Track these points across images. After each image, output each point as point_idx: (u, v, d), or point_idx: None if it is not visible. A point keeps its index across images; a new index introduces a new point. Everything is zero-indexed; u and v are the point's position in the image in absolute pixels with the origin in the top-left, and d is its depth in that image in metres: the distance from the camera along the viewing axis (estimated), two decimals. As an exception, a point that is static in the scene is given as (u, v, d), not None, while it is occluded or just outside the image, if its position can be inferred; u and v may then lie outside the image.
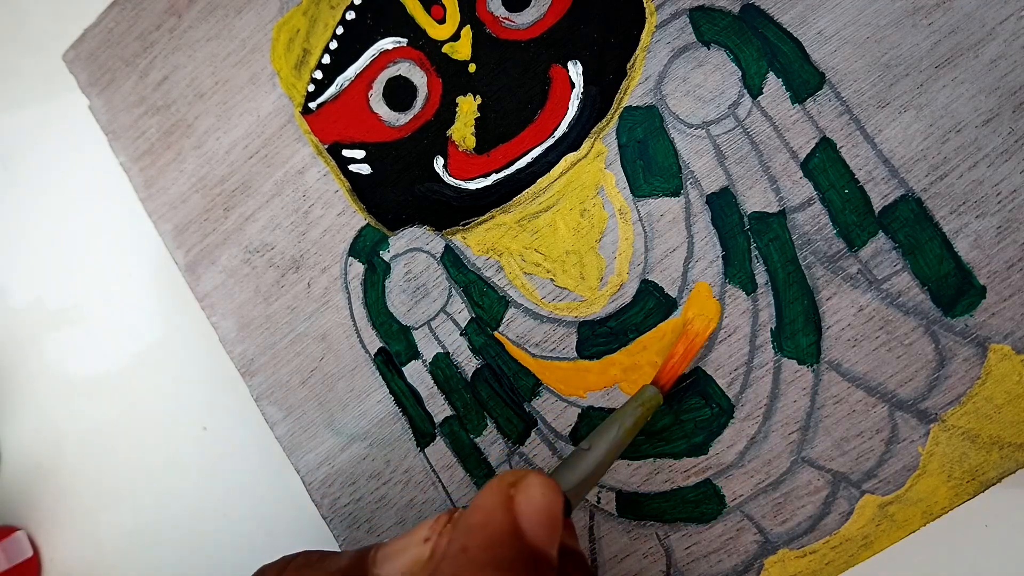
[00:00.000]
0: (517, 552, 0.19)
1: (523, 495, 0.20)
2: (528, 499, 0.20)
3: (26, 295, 0.45)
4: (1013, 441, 0.26)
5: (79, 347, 0.44)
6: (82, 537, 0.42)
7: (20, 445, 0.44)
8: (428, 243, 0.33)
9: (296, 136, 0.34)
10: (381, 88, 0.33)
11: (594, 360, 0.30)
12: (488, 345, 0.31)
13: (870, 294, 0.27)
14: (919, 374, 0.27)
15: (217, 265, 0.35)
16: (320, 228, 0.34)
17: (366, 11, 0.33)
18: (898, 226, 0.27)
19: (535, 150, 0.31)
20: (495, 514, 0.20)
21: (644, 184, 0.30)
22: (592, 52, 0.31)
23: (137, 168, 0.37)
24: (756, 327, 0.28)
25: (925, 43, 0.27)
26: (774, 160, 0.28)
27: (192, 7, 0.36)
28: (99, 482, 0.43)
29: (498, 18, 0.32)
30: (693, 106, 0.29)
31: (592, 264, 0.30)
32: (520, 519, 0.20)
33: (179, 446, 0.41)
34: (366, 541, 0.33)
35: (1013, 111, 0.26)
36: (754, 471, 0.28)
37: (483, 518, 0.20)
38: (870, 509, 0.27)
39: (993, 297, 0.26)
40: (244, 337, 0.35)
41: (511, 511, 0.20)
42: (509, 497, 0.20)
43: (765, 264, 0.28)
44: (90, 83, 0.38)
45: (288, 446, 0.34)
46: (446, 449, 0.32)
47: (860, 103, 0.28)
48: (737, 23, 0.29)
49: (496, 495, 0.20)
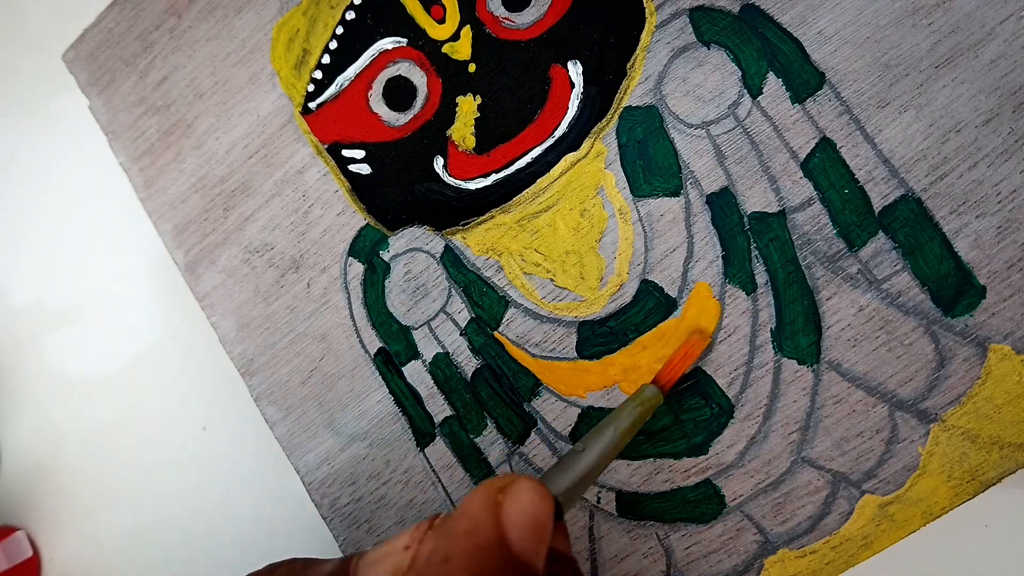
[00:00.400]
0: (502, 563, 0.18)
1: (511, 502, 0.19)
2: (517, 506, 0.19)
3: (26, 295, 0.45)
4: (1013, 441, 0.26)
5: (79, 347, 0.44)
6: (82, 537, 0.42)
7: (20, 445, 0.44)
8: (428, 243, 0.33)
9: (296, 136, 0.34)
10: (381, 88, 0.33)
11: (594, 360, 0.30)
12: (488, 345, 0.31)
13: (870, 294, 0.27)
14: (919, 374, 0.27)
15: (217, 265, 0.35)
16: (320, 228, 0.34)
17: (366, 11, 0.33)
18: (898, 226, 0.27)
19: (535, 150, 0.31)
20: (481, 521, 0.19)
21: (644, 184, 0.30)
22: (592, 52, 0.31)
23: (137, 168, 0.37)
24: (756, 327, 0.28)
25: (925, 43, 0.27)
26: (774, 160, 0.28)
27: (192, 7, 0.36)
28: (99, 482, 0.42)
29: (498, 18, 0.32)
30: (693, 106, 0.29)
31: (592, 264, 0.30)
32: (507, 528, 0.19)
33: (179, 446, 0.41)
34: (366, 541, 0.33)
35: (1013, 111, 0.26)
36: (754, 471, 0.28)
37: (469, 525, 0.19)
38: (870, 509, 0.27)
39: (993, 297, 0.26)
40: (244, 337, 0.35)
41: (498, 519, 0.19)
42: (497, 503, 0.19)
43: (765, 264, 0.28)
44: (90, 83, 0.38)
45: (288, 446, 0.34)
46: (446, 449, 0.32)
47: (860, 103, 0.28)
48: (737, 23, 0.29)
49: (483, 500, 0.19)
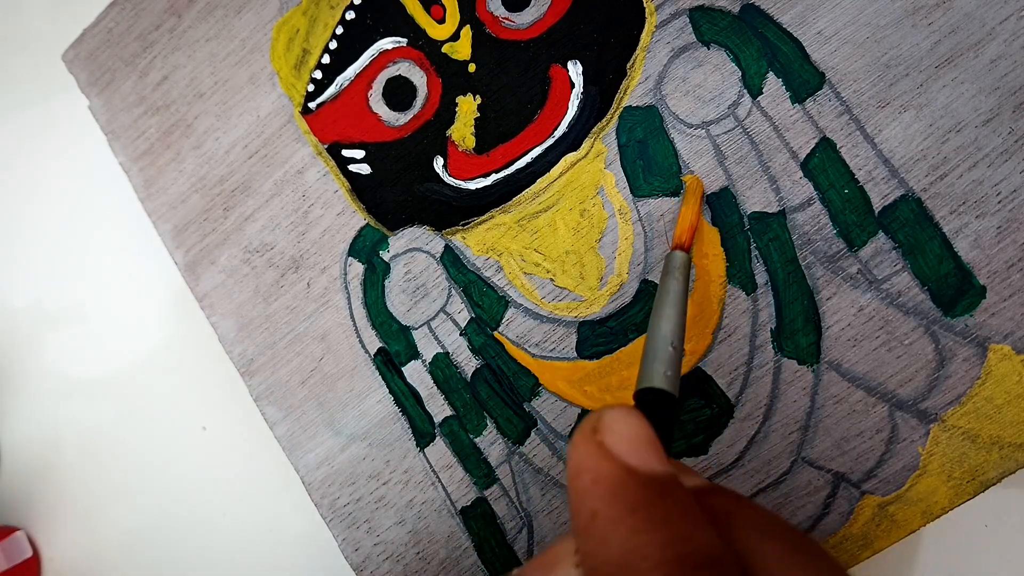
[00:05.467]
0: (638, 487, 0.18)
1: (609, 435, 0.19)
2: (617, 436, 0.19)
3: (26, 295, 0.45)
4: (1013, 441, 0.26)
5: (79, 347, 0.44)
6: (82, 537, 0.42)
7: (20, 445, 0.44)
8: (428, 243, 0.33)
9: (296, 136, 0.34)
10: (381, 88, 0.33)
11: (594, 360, 0.30)
12: (488, 345, 0.31)
13: (870, 294, 0.27)
14: (919, 374, 0.27)
15: (217, 265, 0.35)
16: (320, 228, 0.34)
17: (366, 11, 0.33)
18: (898, 226, 0.27)
19: (535, 150, 0.31)
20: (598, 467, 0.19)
21: (644, 184, 0.30)
22: (592, 52, 0.31)
23: (137, 168, 0.37)
24: (756, 327, 0.28)
25: (925, 43, 0.27)
26: (774, 160, 0.28)
27: (192, 7, 0.36)
28: (99, 482, 0.42)
29: (498, 18, 0.32)
30: (693, 106, 0.29)
31: (592, 264, 0.30)
32: (622, 457, 0.19)
33: (179, 446, 0.41)
34: (366, 541, 0.33)
35: (1013, 111, 0.26)
36: (754, 471, 0.28)
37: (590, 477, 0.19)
38: (870, 509, 0.27)
39: (993, 297, 0.26)
40: (244, 337, 0.35)
41: (609, 455, 0.19)
42: (600, 444, 0.19)
43: (765, 264, 0.28)
44: (90, 83, 0.38)
45: (288, 446, 0.34)
46: (446, 449, 0.32)
47: (860, 103, 0.28)
48: (737, 23, 0.29)
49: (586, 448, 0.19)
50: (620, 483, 0.19)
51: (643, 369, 0.24)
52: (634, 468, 0.19)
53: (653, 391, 0.23)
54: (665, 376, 0.23)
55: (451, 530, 0.32)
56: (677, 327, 0.25)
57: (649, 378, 0.23)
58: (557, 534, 0.30)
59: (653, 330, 0.25)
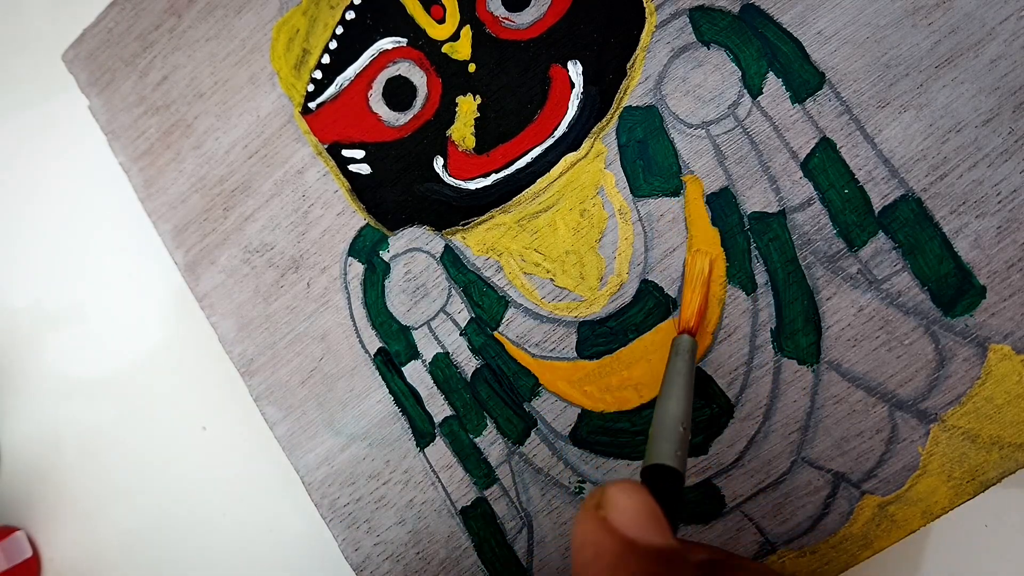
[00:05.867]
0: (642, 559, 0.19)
1: (612, 511, 0.20)
2: (619, 511, 0.20)
3: (26, 295, 0.45)
4: (1013, 441, 0.26)
5: (79, 347, 0.44)
6: (82, 537, 0.42)
7: (20, 445, 0.44)
8: (428, 243, 0.33)
9: (296, 136, 0.34)
10: (381, 88, 0.33)
11: (594, 360, 0.30)
12: (488, 345, 0.31)
13: (870, 294, 0.27)
14: (919, 374, 0.27)
15: (216, 265, 0.35)
16: (320, 228, 0.34)
17: (366, 11, 0.33)
18: (898, 226, 0.27)
19: (535, 150, 0.31)
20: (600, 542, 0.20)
21: (644, 184, 0.30)
22: (592, 52, 0.31)
23: (137, 168, 0.37)
24: (756, 327, 0.28)
25: (925, 43, 0.27)
26: (774, 160, 0.28)
27: (192, 7, 0.36)
28: (99, 482, 0.43)
29: (498, 18, 0.32)
30: (693, 106, 0.29)
31: (592, 264, 0.30)
32: (624, 531, 0.20)
33: (179, 446, 0.41)
34: (366, 541, 0.33)
35: (1013, 111, 0.26)
36: (754, 471, 0.28)
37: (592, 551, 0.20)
38: (870, 509, 0.27)
39: (993, 297, 0.26)
40: (243, 337, 0.35)
41: (612, 530, 0.20)
42: (602, 519, 0.20)
43: (765, 264, 0.28)
44: (90, 83, 0.38)
45: (288, 446, 0.34)
46: (446, 449, 0.32)
47: (860, 103, 0.28)
48: (737, 23, 0.29)
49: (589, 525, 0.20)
50: (620, 556, 0.19)
51: (652, 447, 0.24)
52: (635, 541, 0.19)
53: (661, 468, 0.23)
54: (675, 455, 0.23)
55: (451, 530, 0.32)
56: (686, 408, 0.25)
57: (658, 456, 0.24)
58: (557, 534, 0.30)
59: (662, 411, 0.25)
